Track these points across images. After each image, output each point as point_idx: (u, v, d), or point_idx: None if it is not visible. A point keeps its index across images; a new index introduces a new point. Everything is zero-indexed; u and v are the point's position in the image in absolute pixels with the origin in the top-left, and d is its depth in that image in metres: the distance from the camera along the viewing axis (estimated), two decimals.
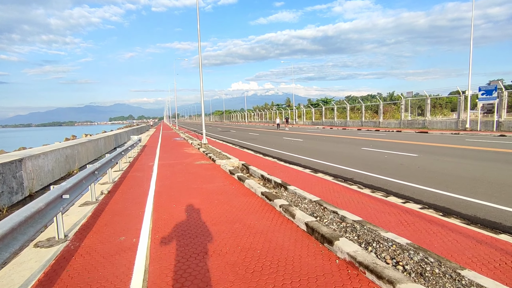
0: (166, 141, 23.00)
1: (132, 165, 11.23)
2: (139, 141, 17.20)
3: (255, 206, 5.39)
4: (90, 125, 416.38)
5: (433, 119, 28.44)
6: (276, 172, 8.75)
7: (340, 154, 12.66)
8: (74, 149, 10.77)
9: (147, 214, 5.14)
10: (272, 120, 64.60)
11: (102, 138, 15.86)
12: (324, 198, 5.67)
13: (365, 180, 7.82)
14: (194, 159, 12.10)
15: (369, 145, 15.75)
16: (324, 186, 6.84)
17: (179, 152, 14.86)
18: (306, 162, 10.97)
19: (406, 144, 15.80)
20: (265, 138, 23.20)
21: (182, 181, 7.92)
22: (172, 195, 6.41)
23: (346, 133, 25.96)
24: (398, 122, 31.38)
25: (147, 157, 13.37)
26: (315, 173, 8.75)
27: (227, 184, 7.39)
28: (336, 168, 9.66)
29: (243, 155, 12.97)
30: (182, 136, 27.76)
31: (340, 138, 20.69)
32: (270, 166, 9.83)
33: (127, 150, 11.15)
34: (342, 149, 14.55)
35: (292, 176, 8.08)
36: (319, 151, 14.10)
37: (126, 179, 8.41)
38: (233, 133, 32.43)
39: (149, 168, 10.33)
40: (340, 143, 17.18)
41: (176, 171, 9.42)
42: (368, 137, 20.68)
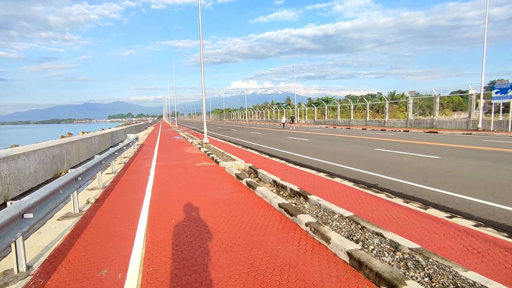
0: (165, 140, 21.97)
1: (127, 166, 10.21)
2: (136, 140, 16.18)
3: (274, 223, 4.38)
4: (89, 122, 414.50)
5: (441, 119, 27.48)
6: (288, 176, 7.75)
7: (354, 156, 11.67)
8: (62, 149, 9.73)
9: (140, 232, 4.12)
10: (273, 119, 63.56)
11: (97, 137, 14.82)
12: (354, 211, 4.67)
13: (392, 186, 6.83)
14: (195, 160, 11.08)
15: (382, 145, 14.76)
16: (348, 195, 5.84)
17: (178, 152, 13.83)
18: (318, 165, 9.97)
19: (421, 145, 14.81)
20: (268, 138, 22.19)
21: (182, 186, 6.90)
22: (170, 206, 5.40)
23: (352, 133, 24.97)
24: (404, 122, 30.41)
25: (144, 158, 12.35)
26: (331, 178, 7.75)
27: (235, 191, 6.37)
28: (354, 172, 8.66)
29: (248, 156, 11.96)
30: (182, 134, 26.73)
31: (347, 138, 19.70)
32: (280, 169, 8.82)
33: (121, 150, 10.13)
34: (354, 149, 13.55)
35: (307, 182, 7.08)
36: (330, 152, 13.10)
37: (118, 184, 7.39)
38: (234, 132, 31.42)
39: (145, 170, 9.30)
40: (349, 144, 16.18)
41: (176, 175, 8.40)
42: (376, 137, 19.69)
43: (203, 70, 16.08)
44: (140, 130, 40.86)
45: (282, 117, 38.55)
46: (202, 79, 16.01)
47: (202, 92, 16.10)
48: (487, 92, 25.17)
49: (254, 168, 8.42)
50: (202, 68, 16.10)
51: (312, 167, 9.56)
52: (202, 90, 16.07)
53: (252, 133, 27.50)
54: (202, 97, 16.17)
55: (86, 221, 4.65)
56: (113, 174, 8.73)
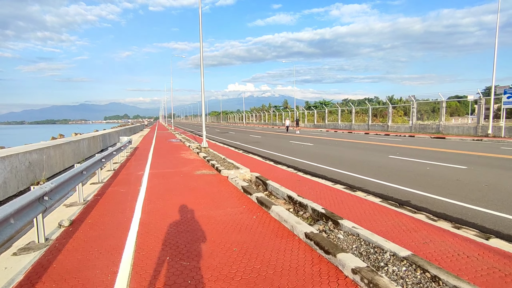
0: (161, 143, 20.77)
1: (116, 174, 9.02)
2: (129, 143, 14.99)
3: (304, 264, 3.24)
4: (85, 123, 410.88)
5: (448, 124, 26.61)
6: (303, 189, 6.64)
7: (367, 164, 10.59)
8: (42, 154, 8.53)
9: (121, 281, 2.96)
10: (271, 122, 62.52)
11: (86, 139, 13.59)
12: (406, 245, 3.56)
13: (429, 204, 5.74)
14: (194, 167, 9.92)
15: (394, 152, 13.72)
16: (384, 217, 4.73)
17: (175, 158, 12.65)
18: (332, 174, 8.87)
19: (436, 152, 13.79)
20: (269, 142, 21.09)
21: (179, 203, 5.74)
22: (165, 232, 4.24)
23: (356, 137, 23.96)
24: (408, 127, 29.52)
25: (137, 163, 11.16)
26: (352, 192, 6.66)
27: (244, 210, 5.23)
28: (377, 184, 7.56)
29: (252, 162, 10.83)
30: (179, 137, 25.53)
31: (354, 143, 18.65)
32: (291, 180, 7.70)
33: (110, 155, 8.95)
34: (366, 156, 12.48)
35: (328, 197, 5.97)
36: (340, 158, 12.01)
37: (103, 198, 6.21)
38: (232, 134, 30.28)
39: (137, 179, 8.12)
40: (358, 149, 15.12)
41: (172, 186, 7.23)
42: (384, 142, 18.67)
43: (202, 72, 14.98)
44: (135, 132, 39.56)
45: (286, 120, 35.92)
46: (202, 80, 14.90)
47: (202, 94, 14.98)
48: (486, 98, 24.39)
49: (263, 179, 7.29)
50: (202, 70, 15.00)
51: (326, 177, 8.47)
52: (202, 92, 14.94)
53: (252, 137, 26.38)
54: (202, 99, 15.04)
55: (51, 258, 3.48)
56: (99, 184, 7.54)
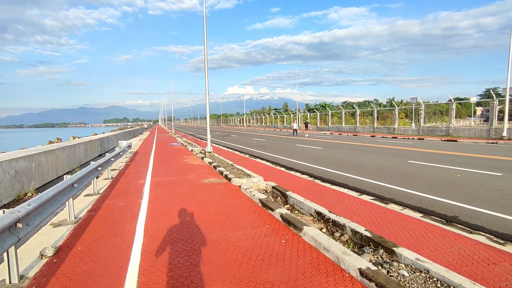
0: (162, 146, 19.87)
1: (115, 183, 8.11)
2: (128, 148, 14.10)
3: None
4: (84, 126, 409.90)
5: (458, 126, 25.75)
6: (328, 201, 5.76)
7: (388, 170, 9.72)
8: (31, 161, 7.63)
9: None
10: (273, 125, 61.70)
11: (82, 144, 12.69)
12: (493, 286, 2.69)
13: (483, 221, 4.85)
14: (200, 175, 9.02)
15: (412, 156, 12.85)
16: (442, 241, 3.84)
17: (178, 163, 11.75)
18: (355, 183, 7.99)
19: (457, 156, 12.91)
20: (275, 145, 20.21)
21: (188, 221, 4.84)
22: (173, 267, 3.34)
23: (364, 140, 23.09)
24: (416, 129, 28.68)
25: (137, 170, 10.25)
26: (384, 204, 5.79)
27: (268, 231, 4.33)
28: (407, 194, 6.69)
29: (262, 168, 9.94)
30: (180, 141, 24.63)
31: (365, 147, 17.77)
32: (312, 190, 6.82)
33: (108, 162, 8.06)
34: (383, 161, 11.60)
35: (360, 212, 5.08)
36: (355, 164, 11.12)
37: (99, 214, 5.30)
38: (235, 138, 29.39)
39: (137, 190, 7.22)
40: (372, 154, 14.23)
41: (177, 198, 6.33)
42: (395, 146, 17.79)
43: (206, 73, 14.13)
44: (134, 135, 38.67)
45: (293, 122, 33.04)
46: (206, 80, 14.04)
47: (206, 96, 14.11)
48: (483, 100, 23.54)
49: (281, 190, 6.39)
50: (206, 71, 14.14)
51: (348, 186, 7.59)
52: (206, 93, 14.08)
53: (255, 140, 25.50)
54: (206, 100, 14.18)
55: None
56: (94, 196, 6.64)
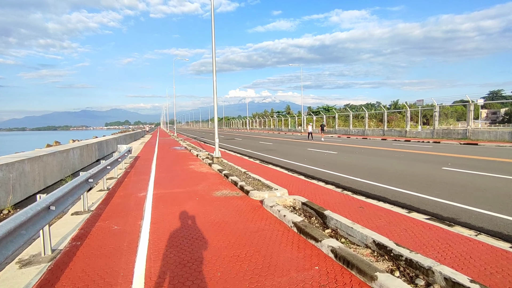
0: (164, 151, 18.63)
1: (111, 195, 6.85)
2: (128, 152, 12.87)
3: None
4: (86, 129, 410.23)
5: (477, 129, 24.41)
6: (378, 223, 4.51)
7: (423, 178, 8.43)
8: (10, 170, 6.38)
9: None
10: (276, 128, 60.44)
11: (77, 148, 11.46)
12: None
13: None
14: (211, 186, 7.75)
15: (443, 162, 11.55)
16: None
17: (183, 170, 10.49)
18: (392, 195, 6.72)
19: (495, 162, 11.58)
20: (285, 149, 18.94)
21: (207, 260, 3.56)
22: None
23: (377, 144, 21.79)
24: (430, 132, 27.32)
25: (138, 179, 9.00)
26: (449, 227, 4.52)
27: (323, 278, 3.04)
28: (471, 212, 5.41)
29: (279, 177, 8.68)
30: (183, 144, 23.40)
31: (382, 151, 16.46)
32: (350, 206, 5.55)
33: (103, 171, 6.81)
34: (412, 168, 10.30)
35: (433, 244, 3.81)
36: (382, 171, 9.83)
37: (86, 245, 4.03)
38: (239, 141, 28.15)
39: (137, 206, 5.96)
40: (395, 159, 12.92)
41: (187, 219, 5.05)
42: (414, 150, 16.46)
43: (214, 73, 12.91)
44: (136, 138, 37.49)
45: (309, 125, 30.00)
46: (214, 79, 12.82)
47: (214, 97, 12.88)
48: (488, 103, 22.20)
49: (315, 208, 5.11)
50: (214, 71, 12.93)
51: (389, 201, 6.32)
52: (214, 94, 12.85)
53: (262, 144, 24.24)
54: (214, 102, 12.95)
55: None
56: (84, 214, 5.38)
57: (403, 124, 44.14)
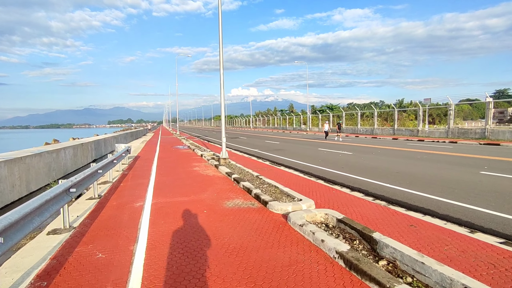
0: (166, 150, 17.53)
1: (100, 207, 5.73)
2: (127, 152, 11.77)
3: None
4: (89, 127, 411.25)
5: (496, 128, 23.09)
6: (441, 249, 3.32)
7: (468, 186, 7.23)
8: None
9: None
10: (280, 126, 59.24)
11: (70, 148, 10.37)
12: None
13: None
14: (220, 193, 6.61)
15: (478, 165, 10.35)
16: None
17: (187, 173, 9.36)
18: (438, 207, 5.55)
19: None
20: (294, 149, 17.79)
21: None
22: None
23: (390, 143, 20.55)
24: (445, 131, 26.01)
25: (135, 184, 7.89)
26: None
27: None
28: None
29: (297, 182, 7.52)
30: (186, 143, 22.29)
31: (401, 152, 15.24)
32: (397, 224, 4.39)
33: (91, 177, 5.70)
34: (446, 172, 9.10)
35: None
36: (411, 175, 8.63)
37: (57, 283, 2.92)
38: (244, 140, 27.00)
39: (131, 221, 4.84)
40: (418, 160, 11.70)
41: (194, 242, 3.91)
42: (433, 150, 15.22)
43: (222, 69, 11.75)
44: (137, 137, 36.45)
45: (324, 124, 27.32)
46: (221, 78, 11.66)
47: (221, 94, 11.72)
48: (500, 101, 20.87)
49: (359, 229, 3.96)
50: (221, 68, 11.76)
51: (438, 215, 5.17)
52: (221, 90, 11.70)
53: (269, 143, 23.09)
54: (221, 98, 11.79)
55: None
56: (63, 234, 4.25)
57: (409, 123, 42.85)
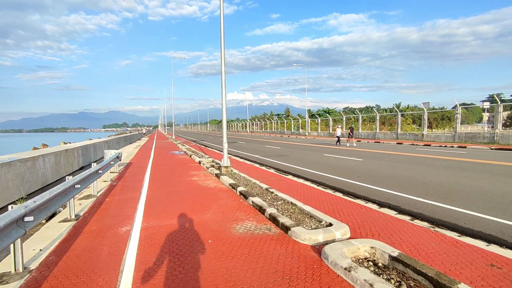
0: (162, 156, 16.28)
1: (74, 235, 4.50)
2: (117, 159, 10.54)
3: None
4: (83, 131, 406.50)
5: (506, 133, 22.20)
6: None
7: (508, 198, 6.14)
8: None
9: None
10: (278, 131, 58.20)
11: (51, 155, 9.10)
12: None
13: None
14: (225, 213, 5.40)
15: (508, 173, 9.30)
16: None
17: (185, 184, 8.13)
18: (499, 232, 4.42)
19: None
20: (297, 155, 16.66)
21: None
22: None
23: (397, 149, 19.49)
24: (451, 135, 25.13)
25: (124, 200, 6.64)
26: None
27: None
28: None
29: (313, 196, 6.35)
30: (182, 148, 21.04)
31: (414, 158, 14.16)
32: (464, 260, 3.23)
33: (64, 195, 4.47)
34: (479, 182, 8.00)
35: None
36: (444, 187, 7.50)
37: None
38: (243, 145, 25.82)
39: (112, 259, 3.62)
40: (438, 168, 10.60)
41: None
42: (446, 156, 14.16)
43: (223, 67, 10.60)
44: (131, 141, 35.06)
45: (336, 128, 24.77)
46: (223, 78, 10.50)
47: (222, 96, 10.54)
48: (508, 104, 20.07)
49: (431, 276, 2.80)
50: (223, 65, 10.61)
51: (505, 243, 4.02)
52: (223, 91, 10.52)
53: (269, 148, 21.94)
54: (222, 100, 10.62)
55: None
56: (14, 282, 3.04)
57: (407, 127, 42.00)
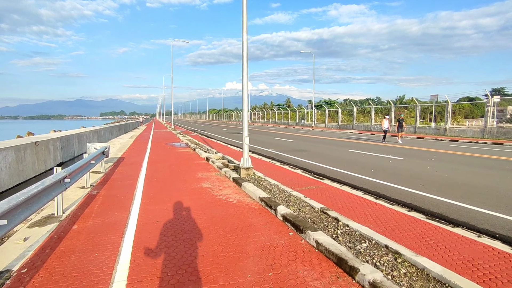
0: (160, 149, 13.92)
1: None
2: (103, 155, 8.19)
3: None
4: (80, 119, 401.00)
5: None
6: None
7: None
8: None
9: None
10: (282, 121, 55.63)
11: (10, 149, 6.69)
12: None
13: None
14: (279, 269, 3.09)
15: None
16: None
17: (193, 194, 5.79)
18: None
19: None
20: (317, 149, 14.41)
21: None
22: None
23: (422, 144, 17.16)
24: (480, 130, 22.84)
25: (100, 231, 4.31)
26: None
27: None
28: None
29: (380, 215, 4.06)
30: (183, 140, 18.66)
31: (458, 157, 11.87)
32: None
33: None
34: None
35: None
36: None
37: None
38: (249, 136, 23.42)
39: None
40: (499, 170, 8.33)
41: None
42: (492, 155, 11.90)
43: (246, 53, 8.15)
44: (126, 130, 32.54)
45: (384, 119, 19.59)
46: (244, 65, 8.08)
47: (243, 85, 8.15)
48: None
49: None
50: (245, 55, 8.17)
51: None
52: (244, 78, 8.12)
53: (279, 140, 19.62)
54: (243, 89, 8.20)
55: None
56: None
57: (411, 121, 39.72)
